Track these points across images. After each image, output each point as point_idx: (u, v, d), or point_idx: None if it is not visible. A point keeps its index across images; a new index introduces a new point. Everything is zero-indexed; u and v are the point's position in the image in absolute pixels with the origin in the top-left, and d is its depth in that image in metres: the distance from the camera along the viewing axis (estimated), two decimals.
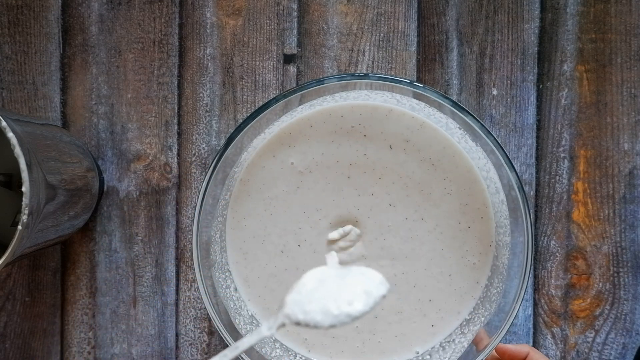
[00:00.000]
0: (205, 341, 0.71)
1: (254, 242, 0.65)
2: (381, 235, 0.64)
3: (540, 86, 0.70)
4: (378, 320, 0.64)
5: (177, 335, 0.71)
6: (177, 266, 0.72)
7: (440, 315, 0.64)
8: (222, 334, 0.62)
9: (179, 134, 0.71)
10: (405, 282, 0.64)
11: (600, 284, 0.70)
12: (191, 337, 0.71)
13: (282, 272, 0.65)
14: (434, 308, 0.64)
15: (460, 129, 0.64)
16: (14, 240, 0.55)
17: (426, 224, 0.64)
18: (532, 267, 0.70)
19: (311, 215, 0.64)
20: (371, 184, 0.64)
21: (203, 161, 0.71)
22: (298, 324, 0.43)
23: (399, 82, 0.62)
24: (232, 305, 0.64)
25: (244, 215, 0.65)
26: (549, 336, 0.71)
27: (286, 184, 0.65)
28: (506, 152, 0.64)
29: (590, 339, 0.70)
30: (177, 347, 0.71)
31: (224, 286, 0.65)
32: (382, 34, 0.71)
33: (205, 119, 0.71)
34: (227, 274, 0.66)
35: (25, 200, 0.54)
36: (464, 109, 0.62)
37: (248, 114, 0.67)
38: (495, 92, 0.70)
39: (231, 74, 0.71)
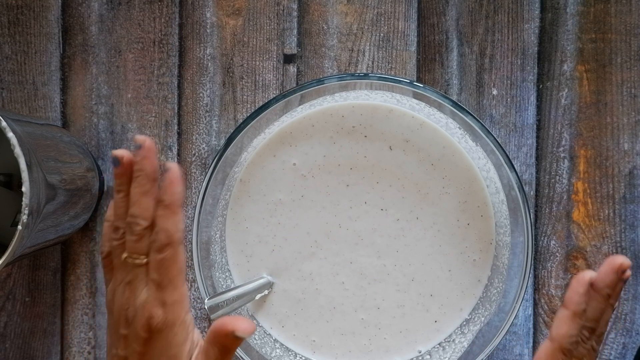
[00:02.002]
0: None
1: (256, 245, 0.65)
2: (364, 239, 0.65)
3: (540, 86, 0.71)
4: (382, 314, 0.65)
5: None
6: None
7: (442, 310, 0.65)
8: None
9: (179, 134, 0.72)
10: (402, 275, 0.65)
11: None
12: None
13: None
14: (436, 303, 0.65)
15: (460, 128, 0.64)
16: (14, 240, 0.55)
17: (422, 222, 0.64)
18: (532, 267, 0.70)
19: (302, 230, 0.65)
20: (367, 191, 0.64)
21: (203, 161, 0.71)
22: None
23: (399, 82, 0.62)
24: None
25: (245, 216, 0.65)
26: None
27: (290, 189, 0.65)
28: (506, 152, 0.64)
29: None
30: None
31: (224, 286, 0.65)
32: (382, 34, 0.71)
33: (205, 119, 0.71)
34: (227, 274, 0.66)
35: (25, 200, 0.54)
36: (464, 109, 0.62)
37: (248, 114, 0.67)
38: (495, 92, 0.71)
39: (231, 74, 0.71)
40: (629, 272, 0.50)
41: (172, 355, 0.49)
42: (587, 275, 0.51)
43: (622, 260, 0.50)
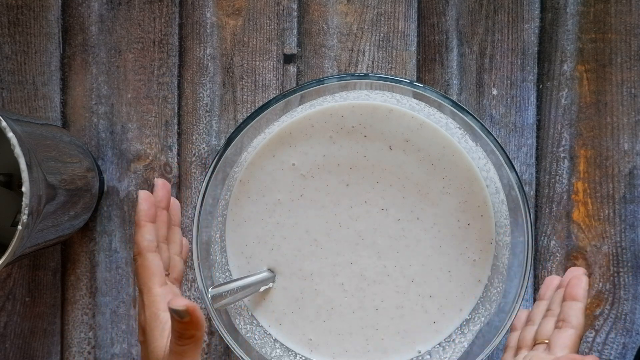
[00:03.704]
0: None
1: (255, 246, 0.65)
2: (365, 239, 0.64)
3: (540, 86, 0.71)
4: (380, 315, 0.65)
5: None
6: None
7: (442, 311, 0.65)
8: (222, 334, 0.62)
9: (179, 134, 0.72)
10: (402, 276, 0.64)
11: (600, 284, 0.70)
12: None
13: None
14: (435, 304, 0.65)
15: (460, 128, 0.64)
16: (14, 240, 0.55)
17: (422, 222, 0.64)
18: (532, 267, 0.70)
19: (301, 228, 0.65)
20: (367, 190, 0.64)
21: (203, 161, 0.71)
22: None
23: (399, 82, 0.62)
24: (232, 306, 0.64)
25: (244, 217, 0.65)
26: None
27: (289, 189, 0.65)
28: (506, 152, 0.64)
29: (590, 339, 0.70)
30: None
31: None
32: (382, 34, 0.71)
33: (205, 119, 0.71)
34: (227, 274, 0.66)
35: (25, 200, 0.54)
36: (464, 109, 0.62)
37: (248, 114, 0.67)
38: (495, 92, 0.71)
39: (231, 74, 0.71)
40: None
41: (153, 348, 0.54)
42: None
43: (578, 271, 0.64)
